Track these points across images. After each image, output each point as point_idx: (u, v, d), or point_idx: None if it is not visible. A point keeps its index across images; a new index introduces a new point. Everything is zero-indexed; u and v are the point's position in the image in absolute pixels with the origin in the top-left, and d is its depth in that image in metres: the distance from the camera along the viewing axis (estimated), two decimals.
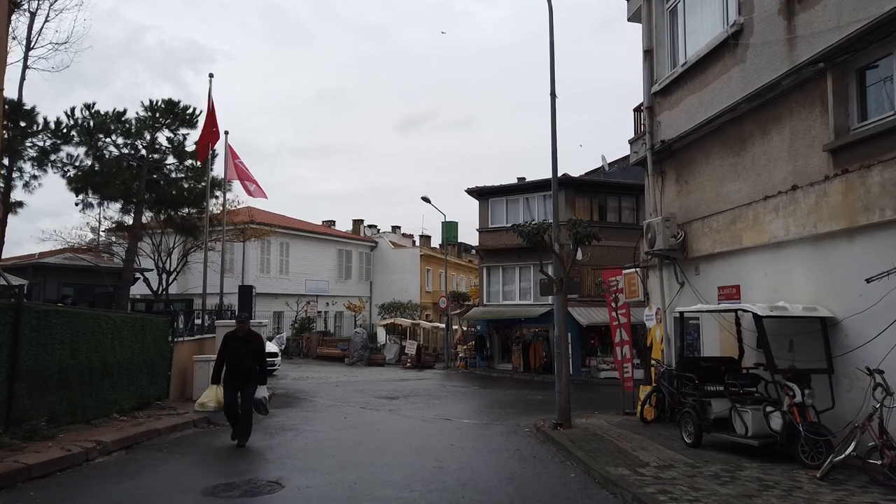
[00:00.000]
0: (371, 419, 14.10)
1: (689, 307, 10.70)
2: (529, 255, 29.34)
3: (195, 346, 15.98)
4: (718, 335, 11.03)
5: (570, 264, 11.90)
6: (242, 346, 10.14)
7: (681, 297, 12.36)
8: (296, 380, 23.06)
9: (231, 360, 10.15)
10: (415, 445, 10.58)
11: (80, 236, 32.15)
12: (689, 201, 12.17)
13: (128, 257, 21.35)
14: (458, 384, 23.95)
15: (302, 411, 15.06)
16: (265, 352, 10.57)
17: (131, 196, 21.38)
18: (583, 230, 11.52)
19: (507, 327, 30.45)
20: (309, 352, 35.13)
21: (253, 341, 10.34)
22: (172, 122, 22.21)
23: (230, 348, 10.16)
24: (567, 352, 12.09)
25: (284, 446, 10.37)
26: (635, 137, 13.93)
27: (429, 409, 16.26)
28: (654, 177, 13.00)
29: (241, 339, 10.22)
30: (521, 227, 11.89)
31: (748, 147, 10.32)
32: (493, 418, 14.77)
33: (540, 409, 17.29)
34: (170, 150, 22.39)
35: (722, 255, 10.92)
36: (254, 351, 10.26)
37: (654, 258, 13.05)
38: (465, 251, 63.30)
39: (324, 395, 18.62)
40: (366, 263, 48.87)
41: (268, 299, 38.03)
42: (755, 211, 9.85)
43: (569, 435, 11.01)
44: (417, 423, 13.78)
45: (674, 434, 10.69)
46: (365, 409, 15.66)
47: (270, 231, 36.21)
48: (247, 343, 10.21)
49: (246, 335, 10.29)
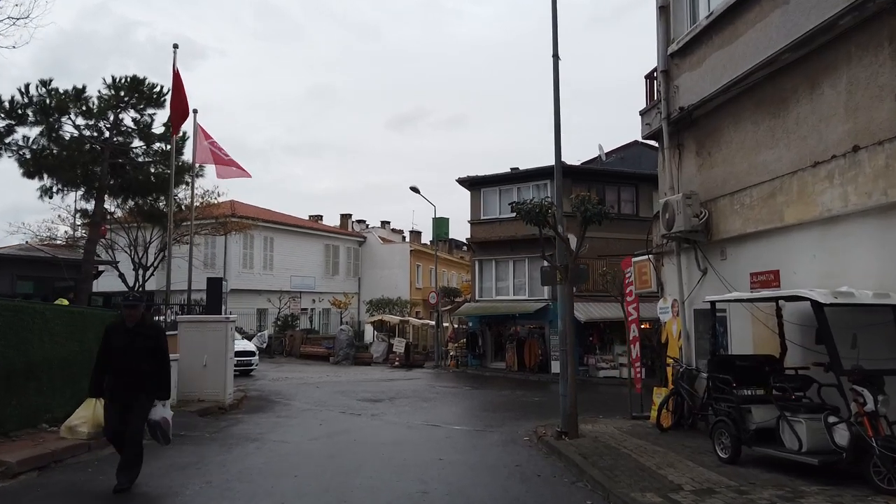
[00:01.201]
0: (350, 426, 12.46)
1: (721, 296, 9.07)
2: (524, 247, 27.81)
3: None
4: (751, 330, 9.45)
5: (577, 249, 10.30)
6: (131, 342, 6.91)
7: (702, 286, 10.78)
8: (273, 380, 21.37)
9: (116, 361, 6.93)
10: (396, 461, 8.95)
11: (49, 229, 30.45)
12: (713, 176, 10.58)
13: (88, 248, 19.56)
14: (448, 384, 22.34)
15: (272, 417, 13.40)
16: (165, 349, 7.32)
17: (92, 181, 19.60)
18: (592, 209, 9.90)
19: (501, 324, 28.88)
20: (292, 350, 33.41)
21: (148, 335, 7.11)
22: (138, 101, 20.38)
23: (114, 345, 6.94)
24: (573, 350, 10.49)
25: (240, 462, 8.71)
26: (647, 107, 12.33)
27: (416, 413, 14.64)
28: (670, 150, 11.40)
29: (131, 331, 7.00)
30: (520, 205, 10.27)
31: (790, 106, 8.73)
32: (487, 424, 13.17)
33: (538, 412, 15.71)
34: (136, 132, 20.59)
35: (756, 236, 9.34)
36: (147, 348, 7.00)
37: (670, 243, 11.46)
38: (457, 247, 61.84)
39: (301, 397, 16.96)
40: (354, 259, 47.20)
41: (251, 296, 36.40)
42: (801, 181, 8.27)
43: (577, 446, 9.41)
44: (402, 430, 12.16)
45: (701, 446, 9.10)
46: (344, 414, 14.03)
47: (253, 225, 34.42)
48: (137, 337, 6.98)
49: (137, 326, 7.04)
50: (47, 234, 33.21)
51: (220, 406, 13.98)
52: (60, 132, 19.10)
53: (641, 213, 27.86)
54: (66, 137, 19.32)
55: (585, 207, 9.90)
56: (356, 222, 53.72)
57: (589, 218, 9.93)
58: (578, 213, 10.12)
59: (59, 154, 18.81)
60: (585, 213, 9.90)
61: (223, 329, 14.55)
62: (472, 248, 30.06)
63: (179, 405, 13.44)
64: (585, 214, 9.90)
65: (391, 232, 57.52)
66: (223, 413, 13.72)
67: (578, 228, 10.44)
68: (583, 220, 10.04)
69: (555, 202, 10.48)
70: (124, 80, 19.99)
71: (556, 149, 10.82)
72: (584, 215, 9.93)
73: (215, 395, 14.21)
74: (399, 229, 59.55)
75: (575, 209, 10.23)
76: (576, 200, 10.09)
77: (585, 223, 10.07)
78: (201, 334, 14.45)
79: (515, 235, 27.94)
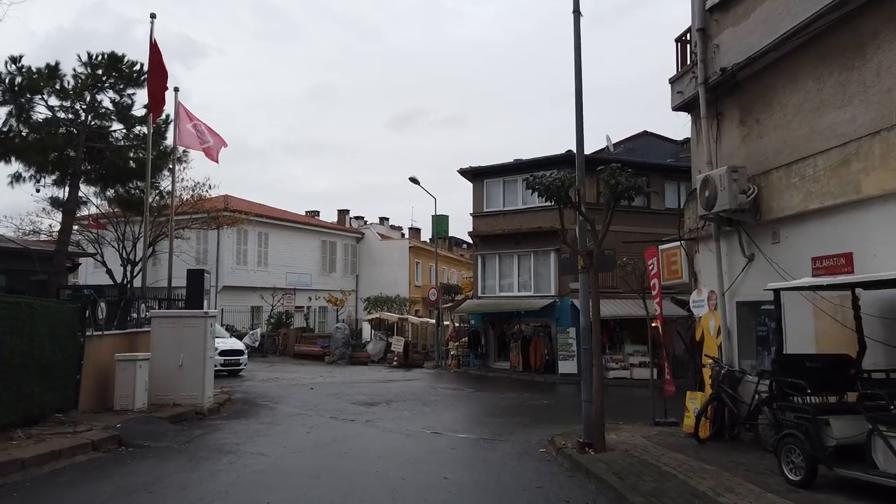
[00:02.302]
0: (341, 434, 11.00)
1: (789, 283, 7.54)
2: (529, 241, 26.35)
3: (123, 341, 12.79)
4: (813, 324, 7.99)
5: (604, 230, 8.81)
6: None
7: (748, 275, 9.32)
8: (262, 381, 19.88)
9: None
10: (393, 480, 7.48)
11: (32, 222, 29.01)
12: (761, 146, 9.11)
13: (61, 238, 18.05)
14: (450, 386, 20.87)
15: (255, 423, 11.93)
16: None
17: (66, 167, 18.10)
18: (625, 181, 8.42)
19: (505, 322, 27.41)
20: (286, 349, 31.91)
21: None
22: (117, 80, 18.86)
23: None
24: (599, 348, 9.00)
25: (205, 483, 7.24)
26: (679, 73, 10.86)
27: (415, 418, 13.19)
28: (707, 120, 9.92)
29: None
30: (538, 179, 8.77)
31: (868, 54, 7.27)
32: (495, 432, 11.71)
33: (550, 417, 14.28)
34: (115, 115, 19.08)
35: (821, 214, 7.88)
36: None
37: (708, 226, 9.99)
38: (456, 245, 60.43)
39: (291, 400, 15.49)
40: (351, 256, 45.71)
41: (245, 293, 34.95)
42: (885, 143, 6.80)
43: (607, 462, 7.95)
44: (400, 439, 10.70)
45: (755, 462, 7.66)
46: (336, 420, 12.57)
47: (246, 219, 32.91)
48: None
49: None
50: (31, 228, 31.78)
51: (198, 411, 12.52)
52: (32, 113, 17.63)
53: (653, 205, 26.37)
54: (38, 119, 17.87)
55: (616, 180, 8.40)
56: (354, 218, 52.27)
57: (621, 192, 8.42)
58: (607, 188, 8.62)
59: (30, 137, 17.34)
60: (616, 188, 8.40)
61: (202, 325, 13.07)
62: (475, 242, 28.59)
63: (151, 410, 11.99)
64: (616, 189, 8.41)
65: (390, 228, 56.04)
66: (201, 419, 12.25)
67: (606, 211, 8.95)
68: (612, 195, 8.54)
69: (577, 177, 8.98)
70: (101, 58, 18.45)
71: (578, 115, 9.33)
72: (615, 189, 8.44)
73: (192, 399, 12.74)
74: (398, 226, 58.09)
75: (604, 183, 8.74)
76: (605, 172, 8.59)
77: (616, 198, 8.57)
78: (177, 331, 12.97)
79: (520, 228, 26.52)
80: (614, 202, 8.64)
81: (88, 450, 8.67)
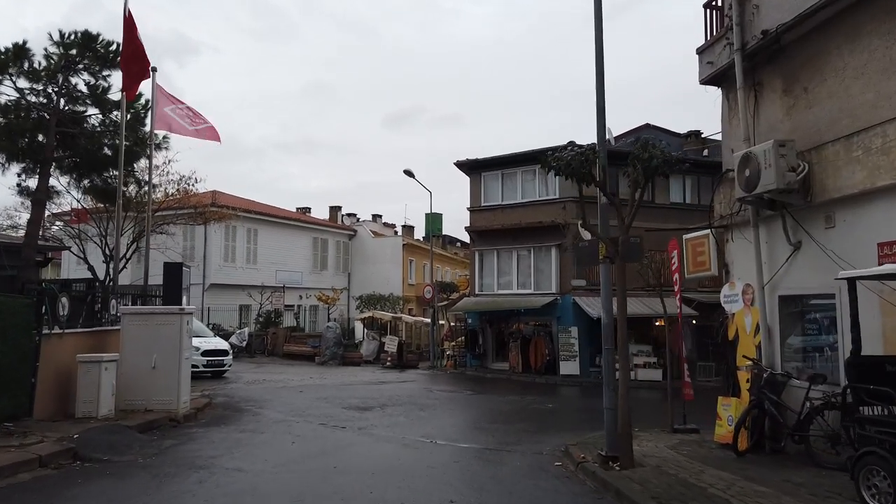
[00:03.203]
0: (331, 444, 9.83)
1: (868, 271, 6.34)
2: (529, 236, 25.22)
3: (87, 341, 11.55)
4: (880, 321, 6.88)
5: (632, 213, 7.67)
6: None
7: (793, 265, 8.21)
8: (248, 383, 18.65)
9: None
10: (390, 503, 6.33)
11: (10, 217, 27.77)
12: (811, 118, 8.00)
13: (30, 231, 16.78)
14: (447, 388, 19.72)
15: (235, 432, 10.73)
16: None
17: (37, 154, 16.83)
18: (659, 156, 7.26)
19: (503, 320, 26.27)
20: (275, 349, 30.65)
21: None
22: (92, 62, 17.58)
23: None
24: (626, 351, 7.84)
25: None
26: (709, 42, 9.73)
27: (412, 425, 12.04)
28: (744, 91, 8.80)
29: None
30: (557, 154, 7.61)
31: None
32: (500, 440, 10.57)
33: (558, 423, 13.19)
34: (89, 99, 17.80)
35: (891, 192, 6.75)
36: None
37: (744, 211, 8.87)
38: (450, 243, 59.37)
39: (277, 404, 14.29)
40: (343, 253, 44.50)
41: (233, 291, 33.71)
42: None
43: (640, 481, 6.81)
44: (396, 450, 9.55)
45: (816, 482, 6.55)
46: (325, 427, 11.39)
47: (234, 215, 31.61)
48: None
49: None
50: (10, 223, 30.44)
51: (172, 417, 11.31)
52: None
53: (657, 199, 25.28)
54: (6, 102, 16.60)
55: (650, 153, 7.25)
56: (346, 216, 51.02)
57: (655, 167, 7.27)
58: (638, 163, 7.47)
59: None
60: (650, 163, 7.24)
61: (177, 322, 11.86)
62: (472, 237, 27.44)
63: (118, 417, 10.78)
64: (650, 163, 7.24)
65: (383, 226, 54.81)
66: (175, 426, 11.05)
67: (633, 191, 7.80)
68: (644, 171, 7.39)
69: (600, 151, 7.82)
70: (75, 37, 17.18)
71: (599, 76, 8.15)
72: (648, 164, 7.28)
73: (166, 404, 11.53)
74: (391, 223, 56.88)
75: (633, 158, 7.58)
76: (637, 144, 7.44)
77: (648, 176, 7.42)
78: (150, 329, 11.76)
79: (519, 223, 25.41)
80: (645, 180, 7.48)
81: (35, 466, 7.46)
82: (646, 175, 7.39)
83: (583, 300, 23.42)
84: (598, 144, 8.05)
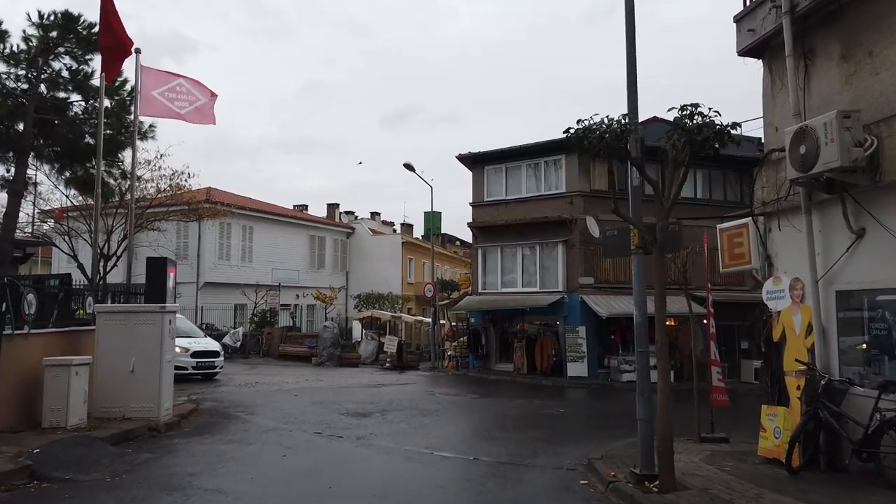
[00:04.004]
0: (326, 458, 8.79)
1: None
2: (534, 232, 24.12)
3: (58, 342, 10.48)
4: None
5: (674, 193, 6.62)
6: None
7: (853, 255, 7.19)
8: (240, 386, 17.59)
9: None
10: None
11: None
12: (877, 86, 6.98)
13: (6, 224, 15.69)
14: (449, 391, 18.68)
15: (221, 443, 9.69)
16: None
17: (13, 142, 15.78)
18: (710, 125, 6.17)
19: (507, 320, 25.23)
20: (270, 350, 29.59)
21: None
22: (75, 44, 16.57)
23: None
24: (666, 353, 6.79)
25: None
26: (749, 7, 8.68)
27: (415, 433, 11.01)
28: (794, 59, 7.77)
29: None
30: (588, 130, 6.52)
31: None
32: (513, 452, 9.55)
33: (574, 431, 12.19)
34: (71, 84, 16.75)
35: None
36: None
37: (793, 195, 7.84)
38: (449, 242, 58.38)
39: (269, 410, 13.25)
40: (341, 251, 43.44)
41: (228, 290, 32.68)
42: None
43: None
44: (399, 465, 8.52)
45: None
46: (321, 437, 10.35)
47: (228, 211, 30.54)
48: None
49: None
50: None
51: (152, 426, 10.26)
52: None
53: None
54: None
55: (698, 125, 6.15)
56: (344, 213, 49.92)
57: (703, 141, 6.17)
58: (684, 133, 6.35)
59: None
60: (700, 133, 6.14)
61: (158, 322, 10.79)
62: (474, 234, 26.39)
63: (92, 426, 9.74)
64: (700, 135, 6.14)
65: (381, 224, 53.76)
66: (154, 436, 10.01)
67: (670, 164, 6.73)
68: (691, 145, 6.29)
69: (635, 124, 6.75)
70: (54, 17, 16.15)
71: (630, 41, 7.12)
72: (696, 136, 6.17)
73: (146, 411, 10.47)
74: (389, 221, 55.83)
75: (674, 132, 6.50)
76: (680, 114, 6.37)
77: (695, 150, 6.30)
78: (129, 329, 10.70)
79: (524, 219, 24.35)
80: (691, 154, 6.40)
81: None
82: (692, 149, 6.30)
83: (591, 299, 22.39)
84: (630, 115, 7.00)
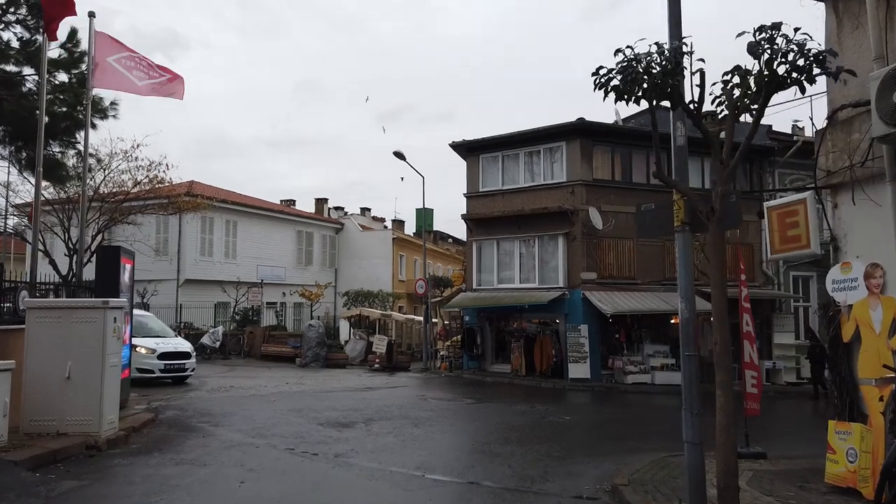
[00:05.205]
0: (294, 485, 7.18)
1: None
2: (533, 224, 22.51)
3: None
4: None
5: (738, 154, 5.01)
6: None
7: None
8: (211, 391, 15.94)
9: None
10: None
11: None
12: None
13: None
14: (443, 395, 17.13)
15: (170, 464, 8.05)
16: None
17: None
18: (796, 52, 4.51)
19: (504, 318, 23.72)
20: (252, 350, 27.92)
21: None
22: (28, 13, 14.92)
23: None
24: (728, 356, 5.20)
25: None
26: None
27: (404, 448, 9.44)
28: None
29: None
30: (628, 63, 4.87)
31: None
32: (521, 473, 7.98)
33: (586, 443, 10.67)
34: (22, 56, 15.06)
35: None
36: None
37: (871, 161, 6.30)
38: (441, 239, 56.93)
39: (239, 420, 11.64)
40: (330, 248, 41.82)
41: (210, 287, 31.04)
42: None
43: None
44: (383, 493, 6.94)
45: None
46: (293, 455, 8.74)
47: (210, 205, 28.75)
48: None
49: None
50: None
51: (91, 443, 8.61)
52: None
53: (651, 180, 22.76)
54: None
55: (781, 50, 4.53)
56: (333, 209, 48.25)
57: (784, 78, 4.50)
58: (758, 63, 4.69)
59: None
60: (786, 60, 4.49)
61: (100, 319, 9.13)
62: (469, 226, 24.83)
63: (17, 443, 8.10)
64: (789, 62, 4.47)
65: (372, 220, 52.11)
66: (92, 455, 8.37)
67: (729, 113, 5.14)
68: (766, 82, 4.61)
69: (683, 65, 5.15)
70: None
71: None
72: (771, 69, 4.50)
73: (84, 425, 8.83)
74: (380, 217, 54.18)
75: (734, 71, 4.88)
76: (756, 38, 4.73)
77: (771, 88, 4.64)
78: (65, 328, 9.04)
79: (522, 210, 22.83)
80: (766, 95, 4.77)
81: None
82: (768, 86, 4.68)
83: (594, 295, 20.90)
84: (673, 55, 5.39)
